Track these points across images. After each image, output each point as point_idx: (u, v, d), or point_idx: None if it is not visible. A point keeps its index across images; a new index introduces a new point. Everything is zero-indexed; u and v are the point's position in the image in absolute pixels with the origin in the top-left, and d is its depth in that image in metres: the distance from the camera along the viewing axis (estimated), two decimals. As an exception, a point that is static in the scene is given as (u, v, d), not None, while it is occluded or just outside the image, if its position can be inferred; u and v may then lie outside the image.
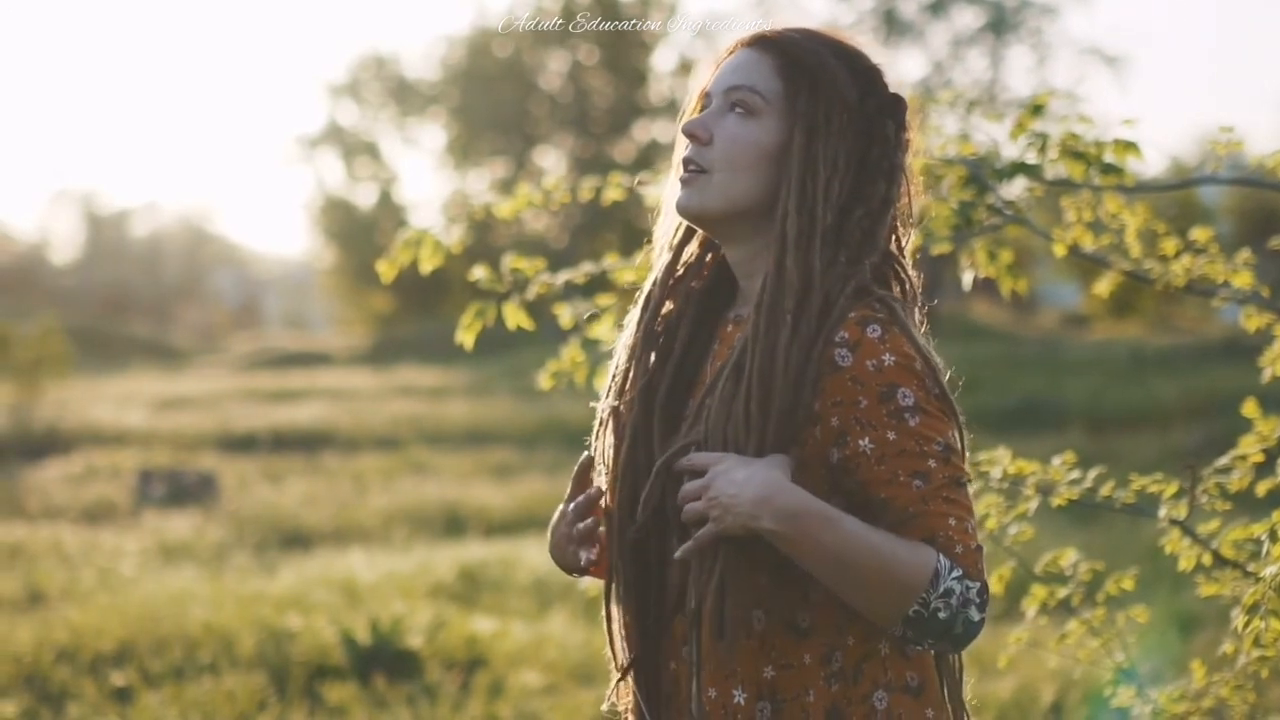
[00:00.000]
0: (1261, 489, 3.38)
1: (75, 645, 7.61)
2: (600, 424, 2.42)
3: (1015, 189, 3.73)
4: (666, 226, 2.46)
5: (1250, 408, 3.40)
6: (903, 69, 35.83)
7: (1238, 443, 3.42)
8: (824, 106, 2.28)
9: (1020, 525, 3.54)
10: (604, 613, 2.42)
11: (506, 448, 16.54)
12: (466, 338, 3.66)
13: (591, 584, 2.49)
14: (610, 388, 2.42)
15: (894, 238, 2.35)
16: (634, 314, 2.44)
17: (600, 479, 2.41)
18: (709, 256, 2.43)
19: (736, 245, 2.35)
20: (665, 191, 2.44)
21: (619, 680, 2.40)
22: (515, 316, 3.66)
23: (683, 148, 2.35)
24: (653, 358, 2.39)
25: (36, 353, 20.02)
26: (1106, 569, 3.66)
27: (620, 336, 2.47)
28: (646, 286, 2.44)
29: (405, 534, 11.74)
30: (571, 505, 2.41)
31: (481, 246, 28.42)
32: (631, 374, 2.39)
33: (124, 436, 17.51)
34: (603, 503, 2.39)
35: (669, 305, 2.41)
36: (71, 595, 9.13)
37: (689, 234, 2.44)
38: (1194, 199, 26.32)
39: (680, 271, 2.43)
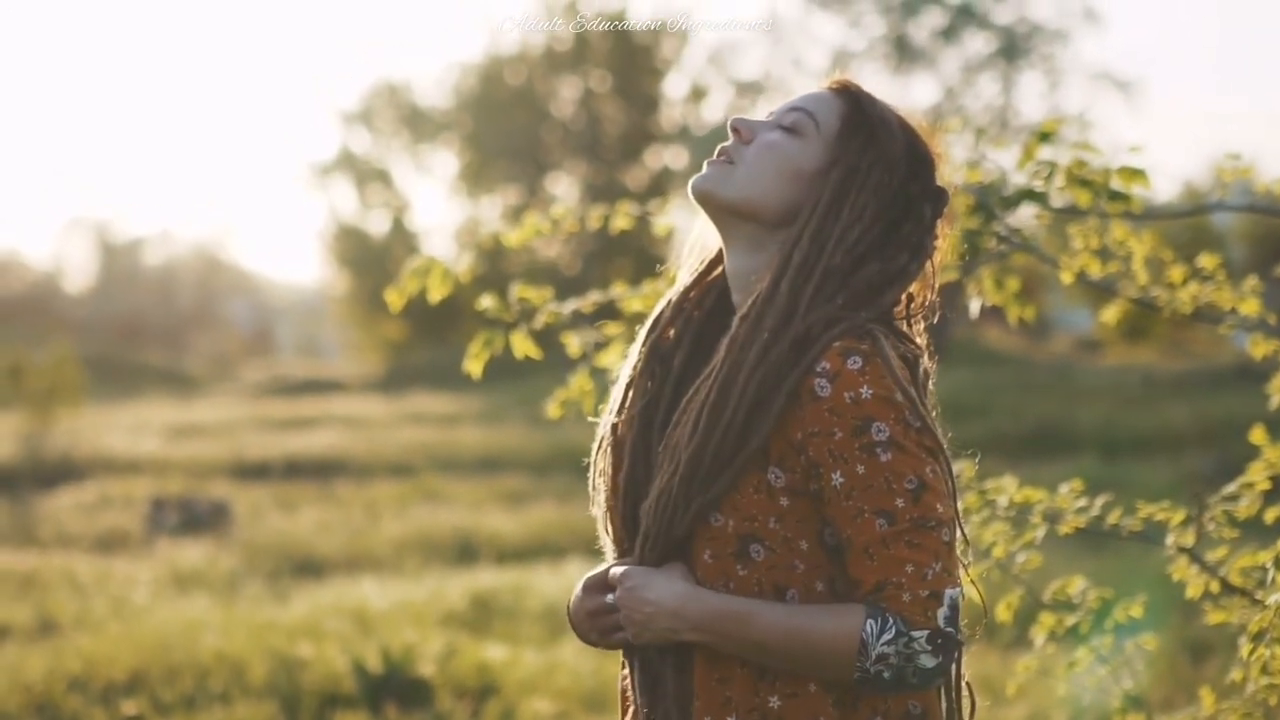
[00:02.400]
0: (1270, 516, 3.37)
1: (87, 674, 7.62)
2: (600, 441, 2.43)
3: (1023, 216, 3.74)
4: (698, 244, 2.48)
5: (1258, 434, 3.40)
6: (915, 96, 35.85)
7: (1248, 469, 3.42)
8: (870, 159, 2.32)
9: (1028, 553, 3.54)
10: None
11: (518, 475, 16.53)
12: (474, 367, 3.66)
13: None
14: (612, 406, 2.44)
15: (906, 315, 2.35)
16: (641, 334, 2.46)
17: (598, 495, 2.42)
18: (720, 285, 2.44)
19: (734, 253, 2.36)
20: (698, 222, 2.45)
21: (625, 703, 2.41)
22: (523, 346, 3.67)
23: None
24: (653, 378, 2.40)
25: (50, 381, 20.07)
26: (1116, 596, 3.65)
27: (628, 356, 2.48)
28: (659, 307, 2.47)
29: (417, 562, 11.73)
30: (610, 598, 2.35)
31: (494, 273, 28.43)
32: (633, 393, 2.41)
33: (137, 465, 17.53)
34: (604, 523, 2.41)
35: (674, 328, 2.43)
36: (84, 624, 9.13)
37: (713, 264, 2.45)
38: (1206, 224, 26.27)
39: (693, 295, 2.45)
